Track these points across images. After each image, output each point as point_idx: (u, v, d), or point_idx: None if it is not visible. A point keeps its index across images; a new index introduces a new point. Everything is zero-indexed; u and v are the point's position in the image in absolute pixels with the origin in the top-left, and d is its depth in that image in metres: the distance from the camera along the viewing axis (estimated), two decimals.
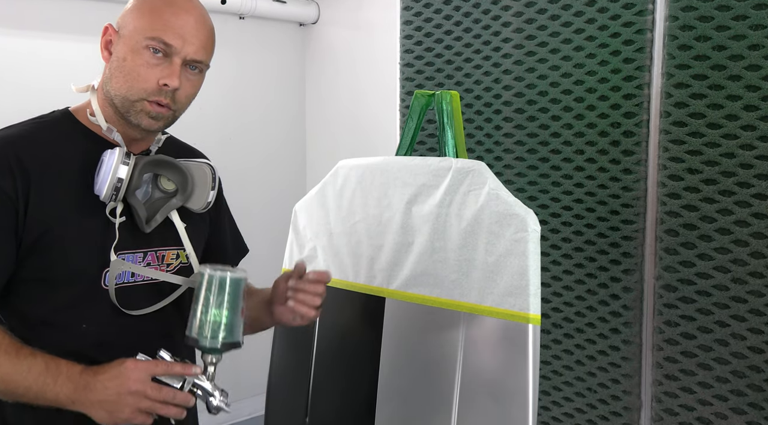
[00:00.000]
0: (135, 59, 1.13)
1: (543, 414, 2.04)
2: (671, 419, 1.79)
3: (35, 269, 1.12)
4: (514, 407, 1.28)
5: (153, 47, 1.13)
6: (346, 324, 1.58)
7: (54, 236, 1.11)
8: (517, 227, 1.31)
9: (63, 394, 1.05)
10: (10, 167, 1.10)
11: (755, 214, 1.61)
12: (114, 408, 1.04)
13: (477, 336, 1.35)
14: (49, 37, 2.67)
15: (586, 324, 1.93)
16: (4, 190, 1.08)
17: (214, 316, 1.10)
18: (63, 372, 1.05)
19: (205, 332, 1.10)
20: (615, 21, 1.81)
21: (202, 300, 1.11)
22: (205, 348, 1.10)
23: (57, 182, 1.13)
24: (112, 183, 1.12)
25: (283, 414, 1.65)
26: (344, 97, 3.32)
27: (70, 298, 1.14)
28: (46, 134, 1.17)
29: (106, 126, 1.17)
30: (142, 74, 1.13)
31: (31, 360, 1.05)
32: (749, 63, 1.59)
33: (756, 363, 1.64)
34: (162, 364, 1.08)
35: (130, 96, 1.14)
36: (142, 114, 1.15)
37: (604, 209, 1.87)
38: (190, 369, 1.09)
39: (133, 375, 1.04)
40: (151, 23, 1.13)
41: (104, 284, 1.16)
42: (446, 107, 1.52)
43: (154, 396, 1.05)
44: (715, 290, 1.69)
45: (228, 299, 1.11)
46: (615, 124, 1.83)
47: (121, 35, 1.16)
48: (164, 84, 1.14)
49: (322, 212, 1.64)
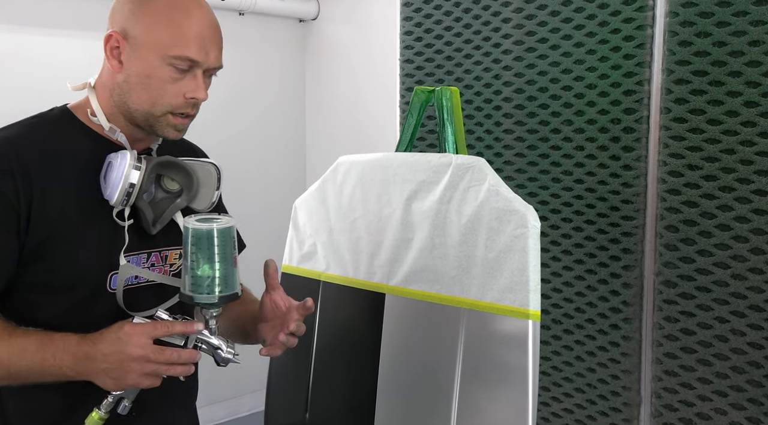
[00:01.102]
0: (159, 76, 1.11)
1: (543, 409, 2.05)
2: (671, 415, 1.79)
3: (39, 273, 1.10)
4: (514, 403, 1.28)
5: (177, 65, 1.10)
6: (346, 320, 1.58)
7: (59, 240, 1.09)
8: (517, 224, 1.31)
9: (65, 367, 1.03)
10: (11, 169, 1.07)
11: (755, 210, 1.61)
12: (119, 375, 1.02)
13: (477, 332, 1.35)
14: (43, 34, 2.66)
15: (586, 320, 1.93)
16: (5, 193, 1.06)
17: (206, 271, 1.06)
18: (59, 346, 1.04)
19: (200, 288, 1.06)
20: (615, 17, 1.80)
21: (192, 256, 1.06)
22: (203, 303, 1.07)
23: (61, 184, 1.11)
24: (123, 188, 1.10)
25: (283, 410, 1.65)
26: (344, 93, 3.32)
27: (75, 302, 1.13)
28: (48, 134, 1.14)
29: (109, 126, 1.15)
30: (168, 91, 1.12)
31: (24, 339, 1.04)
32: (750, 59, 1.59)
33: (756, 359, 1.64)
34: (162, 325, 1.05)
35: (155, 111, 1.13)
36: (169, 127, 1.15)
37: (604, 205, 1.86)
38: (192, 326, 1.06)
39: (133, 340, 1.02)
40: (172, 39, 1.10)
41: (110, 288, 1.14)
42: (446, 103, 1.52)
43: (157, 359, 1.02)
44: (715, 286, 1.69)
45: (218, 251, 1.06)
46: (615, 120, 1.83)
47: (133, 45, 1.11)
48: (192, 97, 1.13)
49: (322, 208, 1.63)
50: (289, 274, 1.69)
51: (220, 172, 1.26)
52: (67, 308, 1.12)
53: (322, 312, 1.60)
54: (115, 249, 1.15)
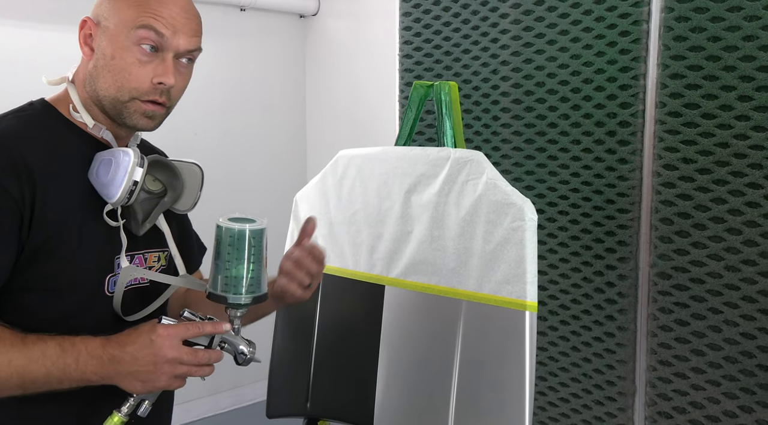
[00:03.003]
0: (124, 57, 1.05)
1: (539, 399, 2.05)
2: (665, 404, 1.80)
3: (36, 277, 1.03)
4: (511, 391, 1.28)
5: (143, 42, 1.05)
6: (346, 311, 1.58)
7: (58, 242, 1.04)
8: (515, 216, 1.31)
9: (89, 372, 0.99)
10: (16, 166, 1.01)
11: (749, 203, 1.61)
12: (149, 377, 0.99)
13: (475, 323, 1.35)
14: (22, 26, 2.64)
15: (582, 310, 1.94)
16: (10, 192, 1.00)
17: (239, 271, 1.04)
18: (82, 350, 0.99)
19: (232, 288, 1.04)
20: (611, 12, 1.80)
21: (226, 256, 1.04)
22: (235, 303, 1.05)
23: (58, 184, 1.05)
24: (127, 187, 1.05)
25: (284, 400, 1.65)
26: (344, 88, 3.32)
27: (72, 306, 1.07)
28: (40, 132, 1.08)
29: (93, 123, 1.10)
30: (133, 73, 1.05)
31: (42, 345, 0.98)
32: (744, 54, 1.58)
33: (748, 349, 1.65)
34: (192, 326, 1.02)
35: (120, 97, 1.07)
36: (137, 115, 1.08)
37: (600, 198, 1.87)
38: (220, 326, 1.04)
39: (166, 342, 0.98)
40: (137, 13, 1.04)
41: (108, 291, 1.10)
42: (445, 97, 1.52)
43: (190, 361, 1.00)
44: (708, 278, 1.69)
45: (253, 252, 1.04)
46: (611, 114, 1.83)
47: (102, 28, 1.06)
48: (159, 82, 1.07)
49: (323, 201, 1.63)
50: None
51: (203, 172, 1.22)
52: (62, 313, 1.06)
53: (322, 304, 1.61)
54: (111, 251, 1.11)
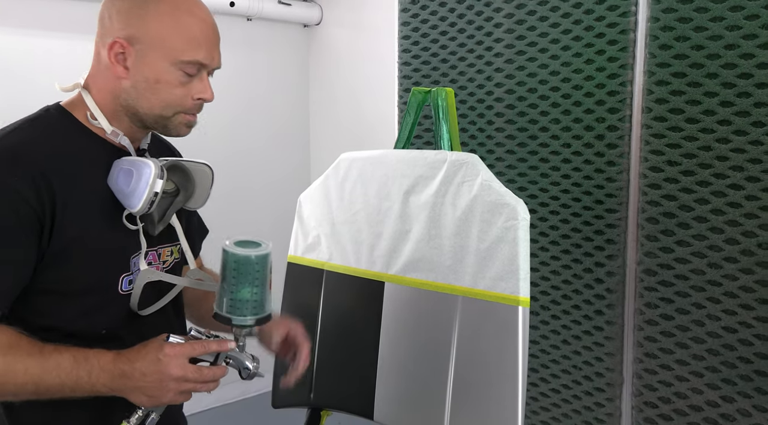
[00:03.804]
0: (169, 81, 1.06)
1: (531, 389, 2.05)
2: (651, 394, 1.80)
3: (55, 280, 1.03)
4: (505, 383, 1.28)
5: (187, 70, 1.07)
6: (348, 306, 1.58)
7: (77, 248, 1.03)
8: (508, 216, 1.31)
9: (100, 384, 0.99)
10: (35, 178, 1.00)
11: (730, 203, 1.61)
12: (156, 393, 1.00)
13: (470, 318, 1.35)
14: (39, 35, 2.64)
15: (572, 306, 1.93)
16: (30, 203, 0.99)
17: (243, 294, 1.04)
18: (95, 364, 0.99)
19: (237, 310, 1.04)
20: (600, 22, 1.80)
21: (231, 279, 1.04)
22: (239, 325, 1.05)
23: (78, 191, 1.05)
24: (149, 198, 1.05)
25: (289, 391, 1.65)
26: (346, 93, 3.31)
27: (87, 307, 1.07)
28: (59, 140, 1.07)
29: (111, 129, 1.09)
30: (177, 94, 1.08)
31: (58, 356, 0.98)
32: (725, 62, 1.58)
33: (730, 342, 1.64)
34: (199, 345, 1.03)
35: (165, 113, 1.09)
36: (181, 126, 1.12)
37: (589, 198, 1.86)
38: (225, 344, 1.05)
39: (173, 361, 0.99)
40: (183, 44, 1.05)
41: (121, 290, 1.10)
42: (441, 103, 1.52)
43: (195, 379, 1.01)
44: (692, 274, 1.69)
45: (257, 276, 1.04)
46: (600, 119, 1.83)
47: (139, 51, 1.05)
48: (199, 99, 1.10)
49: (325, 201, 1.63)
50: (294, 263, 1.69)
51: (213, 172, 1.23)
52: (78, 313, 1.06)
53: (325, 300, 1.61)
54: (126, 252, 1.10)
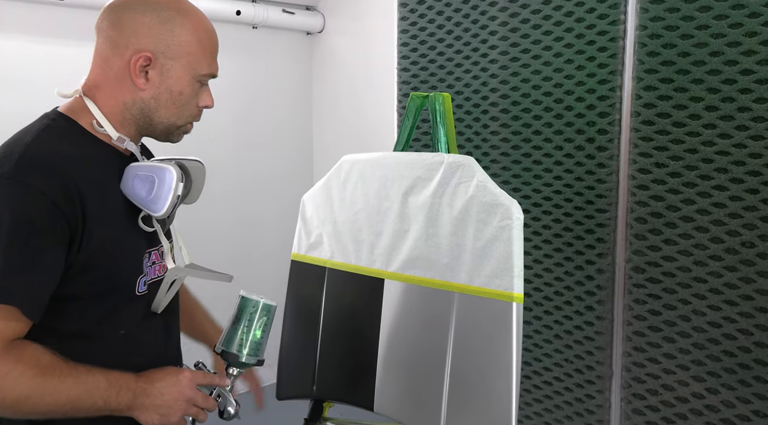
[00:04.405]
0: (189, 92, 1.09)
1: (525, 382, 2.05)
2: (639, 386, 1.80)
3: (79, 286, 1.03)
4: (500, 375, 1.28)
5: (202, 80, 1.09)
6: (349, 302, 1.58)
7: (103, 252, 1.04)
8: (503, 216, 1.31)
9: (123, 403, 1.02)
10: (69, 191, 0.98)
11: (715, 203, 1.61)
12: (167, 412, 1.04)
13: (466, 313, 1.35)
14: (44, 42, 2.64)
15: (564, 302, 1.94)
16: (65, 214, 0.98)
17: (257, 336, 1.13)
18: (123, 384, 1.02)
19: (246, 349, 1.13)
20: (590, 30, 1.80)
21: (246, 322, 1.13)
22: (245, 363, 1.13)
23: (100, 197, 1.04)
24: (173, 202, 1.07)
25: (293, 383, 1.65)
26: (347, 98, 3.31)
27: (108, 309, 1.08)
28: (79, 149, 1.06)
29: (117, 136, 1.09)
30: (192, 104, 1.10)
31: (92, 378, 1.00)
32: (710, 68, 1.59)
33: (715, 337, 1.65)
34: (205, 376, 1.11)
35: (178, 122, 1.11)
36: (182, 134, 1.14)
37: (581, 199, 1.87)
38: (223, 381, 1.12)
39: (188, 384, 1.06)
40: (204, 58, 1.08)
41: (138, 291, 1.11)
42: (439, 107, 1.52)
43: (201, 404, 1.07)
44: (679, 272, 1.69)
45: (266, 322, 1.14)
46: (590, 123, 1.83)
47: (164, 65, 1.05)
48: (204, 106, 1.12)
49: (328, 202, 1.63)
50: (297, 261, 1.69)
51: (205, 169, 1.25)
52: (99, 317, 1.07)
53: (327, 296, 1.61)
54: (141, 254, 1.11)
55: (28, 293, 0.96)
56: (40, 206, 0.95)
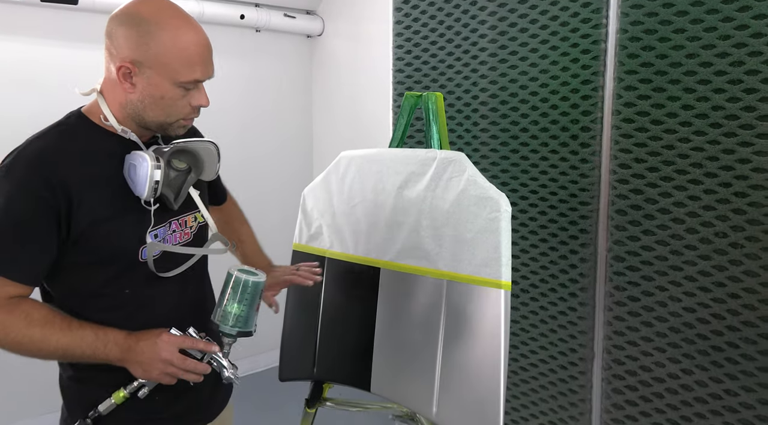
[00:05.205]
0: (171, 96, 1.12)
1: (512, 364, 2.07)
2: (619, 368, 1.81)
3: (81, 254, 1.11)
4: (488, 358, 1.29)
5: (187, 86, 1.12)
6: (347, 289, 1.59)
7: (97, 228, 1.11)
8: (492, 208, 1.31)
9: (112, 355, 1.10)
10: (50, 181, 1.07)
11: (691, 196, 1.62)
12: (147, 368, 1.11)
13: (457, 300, 1.36)
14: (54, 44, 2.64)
15: (549, 289, 1.95)
16: (47, 201, 1.07)
17: (234, 309, 1.14)
18: (110, 339, 1.10)
19: (225, 320, 1.15)
20: (574, 34, 1.80)
21: (228, 296, 1.15)
22: (224, 333, 1.15)
23: (94, 184, 1.11)
24: (150, 186, 1.12)
25: (294, 366, 1.66)
26: (345, 97, 3.31)
27: (114, 272, 1.15)
28: (74, 143, 1.13)
29: (121, 128, 1.15)
30: (179, 105, 1.13)
31: (82, 331, 1.09)
32: (687, 69, 1.59)
33: (689, 321, 1.66)
34: (189, 340, 1.13)
35: (168, 120, 1.15)
36: (179, 128, 1.17)
37: (565, 192, 1.87)
38: (210, 346, 1.14)
39: (164, 346, 1.11)
40: (182, 67, 1.10)
41: (141, 259, 1.16)
42: (432, 106, 1.52)
43: (178, 365, 1.11)
44: (656, 261, 1.70)
45: (247, 297, 1.15)
46: (574, 121, 1.83)
47: (144, 72, 1.10)
48: (198, 106, 1.15)
49: (327, 195, 1.64)
50: (298, 251, 1.69)
51: (218, 148, 1.28)
52: (107, 278, 1.15)
53: (327, 284, 1.61)
54: (144, 228, 1.17)
55: (14, 265, 1.08)
56: (25, 197, 1.07)
